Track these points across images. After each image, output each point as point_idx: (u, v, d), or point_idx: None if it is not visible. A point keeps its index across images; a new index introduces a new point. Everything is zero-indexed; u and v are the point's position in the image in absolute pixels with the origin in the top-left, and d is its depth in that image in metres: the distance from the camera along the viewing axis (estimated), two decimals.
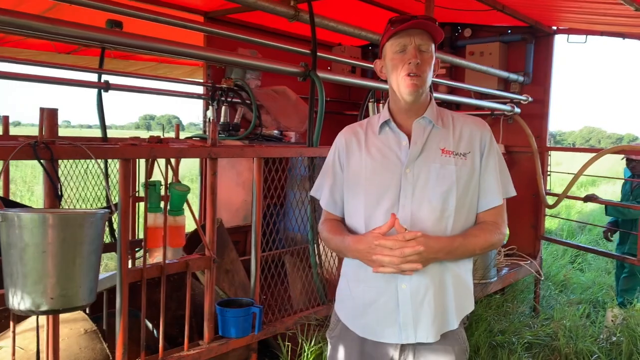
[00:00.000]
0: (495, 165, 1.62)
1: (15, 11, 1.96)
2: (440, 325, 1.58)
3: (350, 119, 5.55)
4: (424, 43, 1.55)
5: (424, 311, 1.55)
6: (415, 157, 1.57)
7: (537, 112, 4.93)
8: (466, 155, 1.58)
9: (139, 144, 2.03)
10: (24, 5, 3.67)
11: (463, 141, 1.60)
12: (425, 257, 1.46)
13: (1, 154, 1.65)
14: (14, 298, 1.52)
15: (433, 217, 1.54)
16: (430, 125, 1.61)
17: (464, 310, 1.64)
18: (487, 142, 1.62)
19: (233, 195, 4.34)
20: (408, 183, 1.55)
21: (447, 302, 1.58)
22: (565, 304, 4.95)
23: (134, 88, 3.84)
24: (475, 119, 1.68)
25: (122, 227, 2.00)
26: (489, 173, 1.61)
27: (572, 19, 4.46)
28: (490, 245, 1.61)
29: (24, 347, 1.92)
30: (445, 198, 1.55)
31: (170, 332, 2.49)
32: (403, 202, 1.55)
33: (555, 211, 5.13)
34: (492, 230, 1.60)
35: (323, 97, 2.87)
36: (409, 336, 1.56)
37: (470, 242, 1.55)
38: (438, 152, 1.58)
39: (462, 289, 1.63)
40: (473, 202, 1.61)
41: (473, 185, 1.59)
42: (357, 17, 4.65)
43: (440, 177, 1.55)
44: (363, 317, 1.62)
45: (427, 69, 1.56)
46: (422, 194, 1.55)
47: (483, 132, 1.63)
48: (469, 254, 1.59)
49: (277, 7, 2.79)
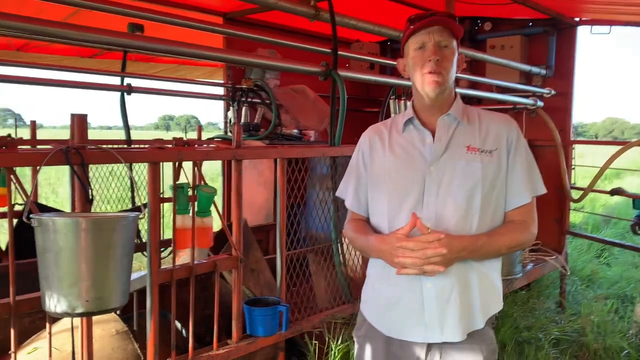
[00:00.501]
0: (523, 162, 1.59)
1: (42, 19, 2.00)
2: (467, 325, 1.56)
3: (369, 116, 5.54)
4: (444, 39, 1.53)
5: (450, 310, 1.53)
6: (440, 154, 1.55)
7: (560, 105, 4.86)
8: (492, 153, 1.55)
9: (166, 148, 2.06)
10: (46, 12, 3.74)
11: (490, 138, 1.57)
12: (449, 258, 1.44)
13: (35, 160, 1.69)
14: (50, 301, 1.55)
15: (457, 215, 1.52)
16: (455, 122, 1.59)
17: (490, 310, 1.61)
18: (514, 139, 1.58)
19: (255, 194, 4.37)
20: (432, 181, 1.54)
21: (473, 301, 1.56)
22: (592, 299, 4.88)
23: (156, 90, 3.89)
24: (502, 116, 1.65)
25: (151, 229, 2.03)
26: (516, 170, 1.57)
27: (595, 9, 4.38)
28: (517, 245, 1.58)
29: (59, 348, 1.96)
30: (471, 196, 1.52)
31: (198, 331, 2.52)
32: (427, 200, 1.53)
33: (579, 205, 5.05)
34: (519, 229, 1.56)
35: (345, 96, 2.86)
36: (435, 335, 1.54)
37: (496, 240, 1.53)
38: (463, 149, 1.55)
39: (488, 288, 1.60)
40: (500, 201, 1.58)
41: (500, 183, 1.56)
42: (375, 13, 4.63)
43: (466, 175, 1.53)
44: (388, 316, 1.62)
45: (448, 65, 1.54)
46: (446, 192, 1.53)
47: (510, 128, 1.60)
48: (495, 253, 1.56)
49: (298, 7, 2.80)
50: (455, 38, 1.57)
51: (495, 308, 1.63)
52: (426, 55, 1.53)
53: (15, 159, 1.69)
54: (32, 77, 3.35)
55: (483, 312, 1.58)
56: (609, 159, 4.27)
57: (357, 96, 5.83)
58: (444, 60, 1.53)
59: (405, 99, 3.73)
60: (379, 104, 4.00)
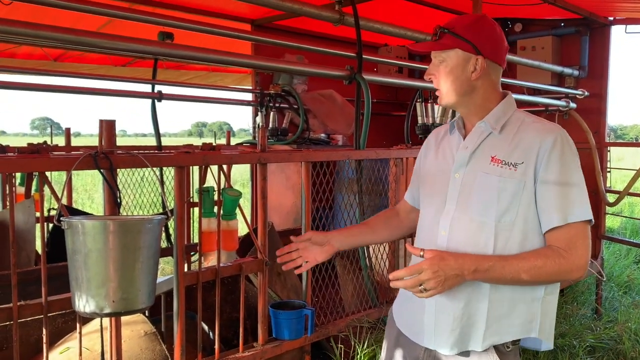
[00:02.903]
0: (556, 178, 1.40)
1: (77, 29, 2.07)
2: (459, 340, 1.47)
3: (397, 120, 5.51)
4: (438, 55, 1.52)
5: (444, 319, 1.48)
6: (465, 162, 1.50)
7: (594, 107, 4.74)
8: (517, 166, 1.42)
9: (192, 152, 2.10)
10: (81, 22, 3.87)
11: (519, 150, 1.44)
12: (444, 277, 1.33)
13: (65, 165, 1.75)
14: (79, 301, 1.60)
15: (470, 228, 1.45)
16: (488, 130, 1.51)
17: (500, 336, 1.46)
18: (547, 151, 1.40)
19: (283, 198, 4.40)
20: (454, 188, 1.50)
21: (475, 322, 1.45)
22: (629, 305, 4.72)
23: (186, 97, 3.96)
24: (545, 125, 1.48)
25: (177, 233, 2.07)
26: (546, 187, 1.40)
27: (629, 8, 4.27)
28: (547, 274, 1.37)
29: (89, 348, 2.01)
30: (485, 210, 1.43)
31: (225, 334, 2.54)
32: (448, 208, 1.51)
33: (617, 209, 4.92)
34: (551, 256, 1.37)
35: (369, 99, 2.86)
36: (429, 341, 1.53)
37: (511, 264, 1.36)
38: (487, 159, 1.47)
39: (501, 316, 1.45)
40: (532, 221, 1.42)
41: (526, 201, 1.41)
42: (403, 17, 4.62)
43: (483, 187, 1.45)
44: (401, 309, 1.66)
45: (442, 81, 1.52)
46: (465, 203, 1.48)
47: (545, 139, 1.41)
48: (511, 279, 1.37)
49: (322, 12, 2.82)
50: (451, 48, 1.49)
51: (511, 336, 1.47)
52: (426, 75, 1.57)
53: (47, 163, 1.75)
54: (67, 85, 3.46)
55: (488, 336, 1.46)
56: None
57: (386, 100, 5.81)
58: (438, 77, 1.53)
59: (432, 102, 3.71)
60: (407, 108, 3.98)
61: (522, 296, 1.45)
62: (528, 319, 1.47)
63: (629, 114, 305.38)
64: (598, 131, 4.70)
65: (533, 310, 1.47)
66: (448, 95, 1.52)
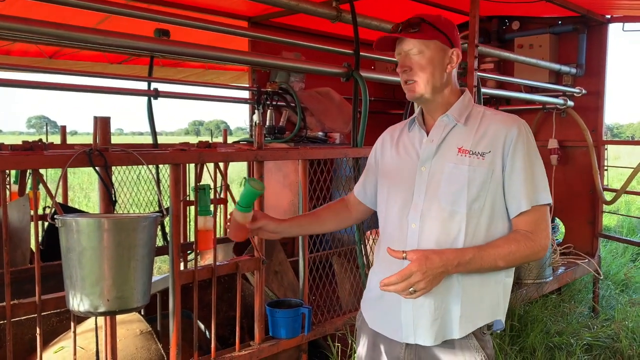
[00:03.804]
0: (523, 166, 1.47)
1: (70, 25, 2.05)
2: (440, 331, 1.50)
3: (395, 118, 5.49)
4: (414, 46, 1.51)
5: (423, 313, 1.49)
6: (431, 155, 1.54)
7: (591, 105, 4.74)
8: (484, 155, 1.47)
9: (188, 149, 2.08)
10: (76, 18, 3.84)
11: (485, 140, 1.50)
12: (432, 276, 1.35)
13: (59, 162, 1.73)
14: (74, 300, 1.58)
15: (441, 218, 1.48)
16: (452, 123, 1.55)
17: (474, 322, 1.51)
18: (513, 140, 1.47)
19: (280, 197, 4.38)
20: (422, 181, 1.53)
21: (450, 310, 1.49)
22: (627, 304, 4.72)
23: (183, 95, 3.94)
24: (507, 117, 1.55)
25: (173, 231, 2.05)
26: (514, 174, 1.47)
27: (627, 6, 4.26)
28: (520, 258, 1.45)
29: (84, 347, 2.00)
30: (455, 199, 1.47)
31: (221, 332, 2.53)
32: (416, 201, 1.53)
33: (614, 207, 4.92)
34: (521, 240, 1.45)
35: (367, 97, 2.85)
36: (409, 336, 1.53)
37: (488, 253, 1.42)
38: (454, 150, 1.51)
39: (474, 300, 1.50)
40: (498, 208, 1.49)
41: (493, 188, 1.47)
42: (400, 14, 4.60)
43: (452, 177, 1.48)
44: (374, 309, 1.64)
45: (421, 72, 1.51)
46: (433, 194, 1.50)
47: (510, 129, 1.49)
48: (489, 267, 1.44)
49: (319, 9, 2.80)
50: (432, 39, 1.51)
51: (482, 322, 1.52)
52: (399, 68, 1.55)
53: (40, 161, 1.73)
54: (63, 83, 3.43)
55: (463, 324, 1.49)
56: None
57: (384, 98, 5.80)
58: (415, 67, 1.52)
59: None
60: (404, 106, 3.97)
61: (488, 280, 1.52)
62: (495, 302, 1.54)
63: (625, 113, 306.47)
64: (595, 129, 4.69)
65: (498, 292, 1.55)
66: (426, 86, 1.53)
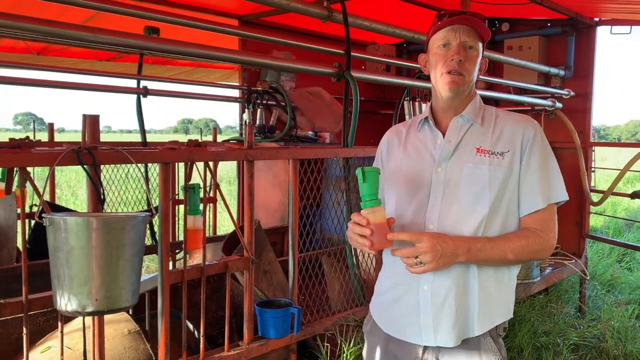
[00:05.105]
0: (539, 165, 1.50)
1: (58, 22, 2.03)
2: (461, 331, 1.50)
3: (385, 118, 5.51)
4: (470, 40, 1.49)
5: (444, 314, 1.49)
6: (448, 156, 1.53)
7: (579, 107, 4.78)
8: (504, 155, 1.49)
9: (177, 148, 2.07)
10: (66, 15, 3.80)
11: (502, 139, 1.51)
12: (440, 253, 1.38)
13: (47, 160, 1.71)
14: (61, 300, 1.57)
15: (461, 218, 1.48)
16: (468, 124, 1.55)
17: (491, 319, 1.53)
18: (529, 140, 1.50)
19: (270, 196, 4.37)
20: (439, 182, 1.51)
21: (470, 309, 1.50)
22: (612, 304, 4.78)
23: (172, 93, 3.91)
24: (521, 116, 1.57)
25: (162, 230, 2.04)
26: (530, 173, 1.49)
27: (615, 9, 4.31)
28: (528, 253, 1.47)
29: (71, 347, 1.97)
30: (477, 200, 1.47)
31: (210, 332, 2.52)
32: (432, 202, 1.51)
33: (600, 209, 4.97)
34: (530, 236, 1.47)
35: (357, 97, 2.85)
36: (429, 338, 1.52)
37: (499, 245, 1.44)
38: (473, 151, 1.51)
39: (492, 298, 1.51)
40: (512, 206, 1.51)
41: (511, 187, 1.49)
42: (391, 15, 4.61)
43: (473, 178, 1.48)
44: (388, 313, 1.62)
45: (470, 68, 1.50)
46: (452, 195, 1.49)
47: (526, 129, 1.51)
48: (499, 259, 1.46)
49: (310, 9, 2.79)
50: (482, 40, 1.53)
51: (500, 319, 1.55)
52: (449, 54, 1.49)
53: (28, 159, 1.71)
54: (51, 80, 3.40)
55: (482, 321, 1.51)
56: (629, 162, 4.18)
57: (374, 98, 5.81)
58: (467, 61, 1.49)
59: (420, 100, 3.71)
60: (394, 106, 3.98)
61: (502, 276, 1.54)
62: (510, 299, 1.58)
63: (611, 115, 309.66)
64: (583, 131, 4.74)
65: (510, 291, 1.57)
66: (468, 82, 1.53)
